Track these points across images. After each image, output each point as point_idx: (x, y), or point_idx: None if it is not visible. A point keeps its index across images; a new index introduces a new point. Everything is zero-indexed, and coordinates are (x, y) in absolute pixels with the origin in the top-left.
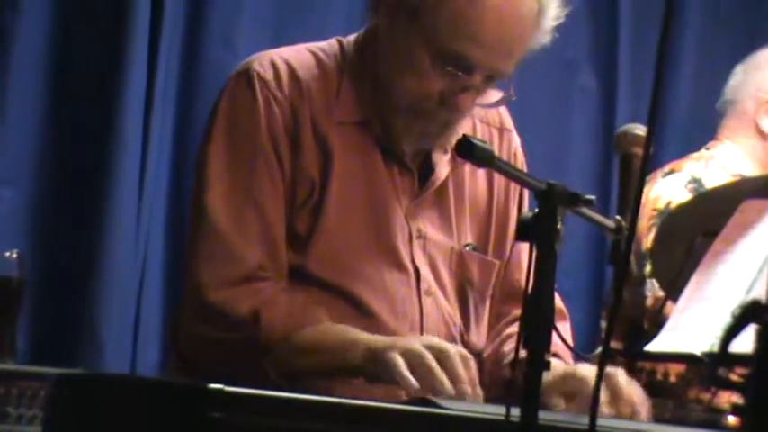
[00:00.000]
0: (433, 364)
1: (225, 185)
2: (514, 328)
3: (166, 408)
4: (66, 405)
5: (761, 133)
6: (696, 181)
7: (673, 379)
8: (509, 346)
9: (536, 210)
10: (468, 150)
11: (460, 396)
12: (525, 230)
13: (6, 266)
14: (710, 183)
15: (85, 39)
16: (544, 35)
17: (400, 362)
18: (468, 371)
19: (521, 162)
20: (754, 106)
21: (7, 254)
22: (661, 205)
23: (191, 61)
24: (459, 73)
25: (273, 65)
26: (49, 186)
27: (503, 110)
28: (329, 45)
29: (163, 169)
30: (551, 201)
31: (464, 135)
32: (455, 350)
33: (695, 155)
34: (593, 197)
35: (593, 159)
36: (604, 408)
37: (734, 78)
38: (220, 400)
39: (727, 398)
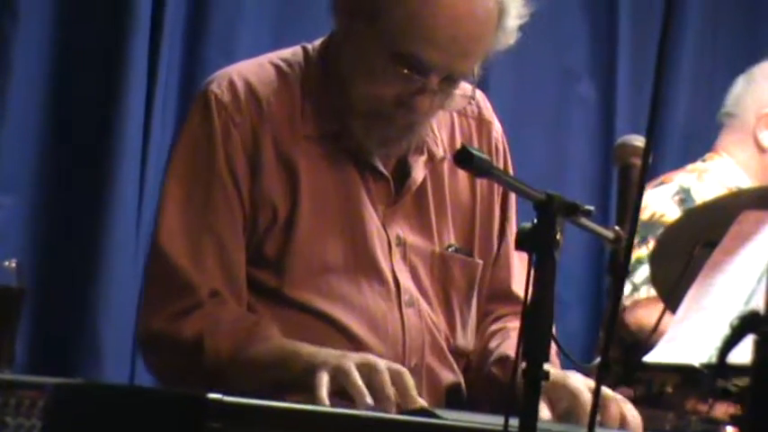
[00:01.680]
0: (358, 382)
1: (181, 214)
2: (500, 325)
3: (165, 418)
4: (65, 415)
5: (759, 147)
6: (684, 191)
7: (670, 390)
8: (494, 342)
9: (535, 220)
10: (467, 160)
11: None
12: (524, 240)
13: (5, 276)
14: (700, 194)
15: (85, 45)
16: (508, 35)
17: (324, 381)
18: (402, 388)
19: (503, 154)
20: (754, 120)
21: (6, 263)
22: (646, 216)
23: (191, 69)
24: (414, 75)
25: (232, 85)
26: (48, 195)
27: (482, 100)
28: (293, 54)
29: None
30: (550, 211)
31: (463, 144)
32: (385, 366)
33: (690, 166)
34: (591, 207)
35: (592, 169)
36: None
37: (734, 90)
38: (219, 410)
39: (725, 410)
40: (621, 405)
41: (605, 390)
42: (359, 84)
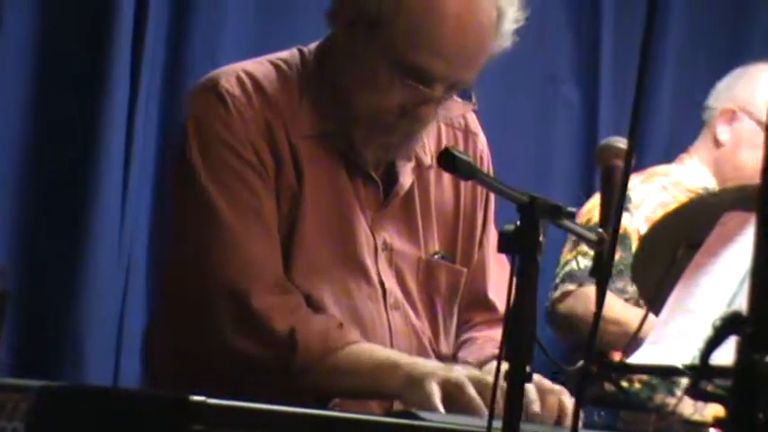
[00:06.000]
0: (473, 393)
1: (229, 201)
2: (470, 334)
3: (149, 420)
4: (49, 418)
5: (716, 141)
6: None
7: (638, 385)
8: (461, 353)
9: (518, 222)
10: (451, 163)
11: None
12: (507, 243)
13: None
14: (639, 196)
15: (67, 53)
16: (505, 39)
17: (436, 391)
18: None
19: (487, 165)
20: (718, 114)
21: None
22: (583, 220)
23: (173, 76)
24: (420, 85)
25: (239, 80)
26: (31, 199)
27: (468, 112)
28: (291, 55)
29: (146, 183)
30: (533, 213)
31: (446, 147)
32: (488, 382)
33: (651, 169)
34: (575, 210)
35: (575, 172)
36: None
37: (718, 85)
38: (203, 412)
39: (692, 404)
40: (560, 396)
41: (544, 381)
42: (361, 94)
